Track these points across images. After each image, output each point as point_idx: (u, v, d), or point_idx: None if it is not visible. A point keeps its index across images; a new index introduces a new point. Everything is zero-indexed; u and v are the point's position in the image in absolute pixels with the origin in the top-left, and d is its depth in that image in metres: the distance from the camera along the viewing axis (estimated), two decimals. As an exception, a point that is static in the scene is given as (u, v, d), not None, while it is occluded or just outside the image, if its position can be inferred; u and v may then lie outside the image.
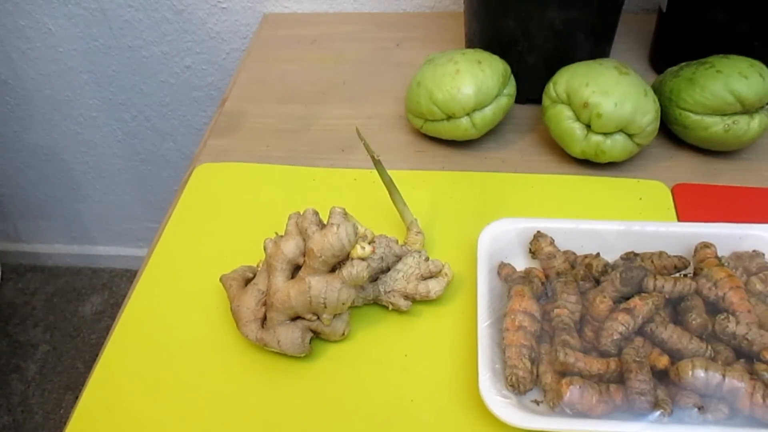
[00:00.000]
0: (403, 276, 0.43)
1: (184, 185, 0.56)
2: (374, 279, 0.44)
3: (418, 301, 0.44)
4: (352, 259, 0.38)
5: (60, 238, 1.28)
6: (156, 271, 0.48)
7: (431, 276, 0.44)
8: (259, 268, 0.44)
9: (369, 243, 0.39)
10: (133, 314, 0.45)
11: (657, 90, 0.55)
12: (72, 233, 1.25)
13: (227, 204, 0.53)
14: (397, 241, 0.45)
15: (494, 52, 0.56)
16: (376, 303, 0.44)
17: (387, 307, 0.44)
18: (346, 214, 0.39)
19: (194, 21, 0.85)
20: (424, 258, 0.44)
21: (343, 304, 0.39)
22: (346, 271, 0.38)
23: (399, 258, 0.44)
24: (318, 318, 0.40)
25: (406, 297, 0.43)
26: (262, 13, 0.82)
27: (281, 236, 0.41)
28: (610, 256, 0.43)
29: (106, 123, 1.00)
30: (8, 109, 1.00)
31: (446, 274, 0.44)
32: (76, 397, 1.15)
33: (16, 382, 1.17)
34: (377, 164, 0.45)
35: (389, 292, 0.43)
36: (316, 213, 0.40)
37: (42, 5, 0.85)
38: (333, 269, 0.39)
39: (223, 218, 0.52)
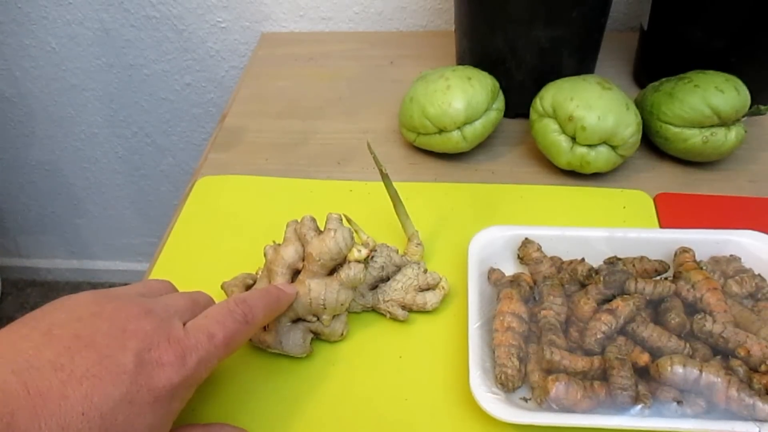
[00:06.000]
0: (402, 287, 0.45)
1: (186, 197, 0.57)
2: (374, 287, 0.45)
3: (414, 311, 0.45)
4: (349, 262, 0.40)
5: (60, 253, 1.29)
6: (159, 278, 0.50)
7: (429, 288, 0.45)
8: (258, 276, 0.46)
9: (371, 250, 0.41)
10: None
11: (639, 104, 0.57)
12: (72, 248, 1.27)
13: (227, 215, 0.55)
14: (397, 251, 0.47)
15: (484, 68, 0.59)
16: (374, 310, 0.46)
17: (385, 315, 0.45)
18: (342, 219, 0.41)
19: (194, 40, 0.87)
20: (422, 270, 0.46)
21: (342, 304, 0.41)
22: (344, 273, 0.40)
23: (398, 268, 0.46)
24: (318, 319, 0.42)
25: (404, 307, 0.45)
26: (260, 32, 0.84)
27: (280, 244, 0.43)
28: (595, 261, 0.45)
29: (107, 139, 1.02)
30: (11, 125, 1.02)
31: (443, 287, 0.45)
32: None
33: None
34: (384, 177, 0.47)
35: (387, 301, 0.45)
36: (313, 219, 0.42)
37: (46, 25, 0.88)
38: (331, 272, 0.41)
39: (223, 229, 0.54)
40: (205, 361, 0.32)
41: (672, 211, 0.52)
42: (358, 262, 0.40)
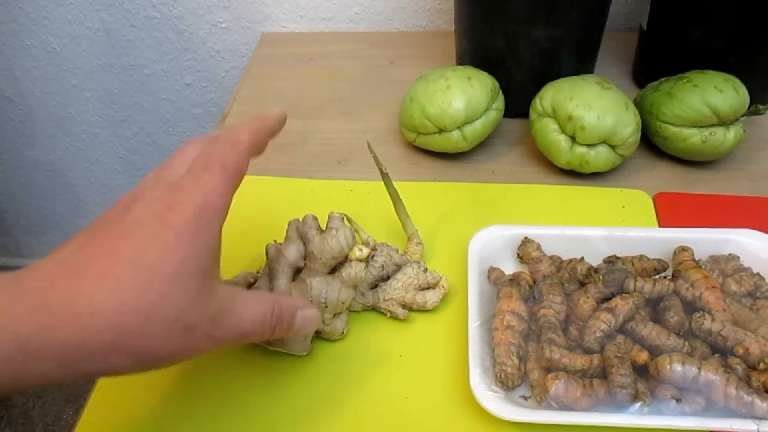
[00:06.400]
0: (402, 285, 0.45)
1: (187, 197, 0.58)
2: (374, 286, 0.46)
3: (414, 310, 0.46)
4: (351, 260, 0.41)
5: (60, 253, 1.29)
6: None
7: (429, 287, 0.46)
8: (259, 274, 0.46)
9: (372, 249, 0.41)
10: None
11: (638, 104, 0.57)
12: (72, 248, 1.27)
13: (228, 215, 0.55)
14: (397, 251, 0.47)
15: (483, 68, 0.59)
16: (375, 309, 0.46)
17: (385, 314, 0.46)
18: (344, 218, 0.41)
19: (195, 40, 0.87)
20: (422, 269, 0.46)
21: (343, 303, 0.41)
22: (345, 272, 0.40)
23: (399, 267, 0.46)
24: (319, 317, 0.42)
25: (404, 306, 0.45)
26: (261, 32, 0.84)
27: (281, 243, 0.43)
28: (594, 260, 0.45)
29: (108, 139, 1.02)
30: (12, 126, 1.02)
31: (443, 286, 0.46)
32: (77, 409, 1.16)
33: (17, 394, 1.18)
34: (385, 177, 0.47)
35: (388, 300, 0.45)
36: (315, 218, 0.42)
37: (47, 25, 0.88)
38: (332, 271, 0.41)
39: (224, 228, 0.54)
40: (210, 190, 0.33)
41: (671, 211, 0.53)
42: (359, 261, 0.41)
